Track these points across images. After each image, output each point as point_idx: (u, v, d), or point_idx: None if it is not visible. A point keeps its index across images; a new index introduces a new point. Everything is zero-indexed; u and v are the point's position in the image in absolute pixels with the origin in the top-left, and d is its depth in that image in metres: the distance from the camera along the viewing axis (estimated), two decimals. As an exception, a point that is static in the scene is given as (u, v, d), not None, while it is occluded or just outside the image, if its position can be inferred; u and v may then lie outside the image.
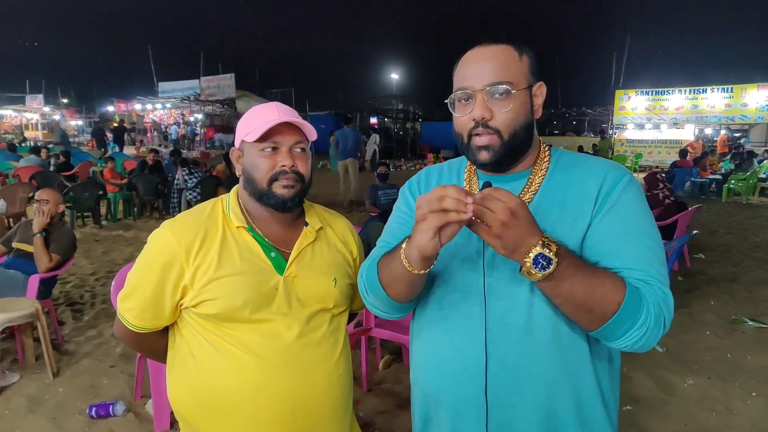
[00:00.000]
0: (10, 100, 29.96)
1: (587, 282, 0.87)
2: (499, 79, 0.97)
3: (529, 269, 0.84)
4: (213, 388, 1.15)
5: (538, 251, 0.83)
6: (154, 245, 1.19)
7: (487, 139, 0.98)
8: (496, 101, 0.97)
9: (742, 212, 9.42)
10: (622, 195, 0.97)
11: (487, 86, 0.97)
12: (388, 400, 2.89)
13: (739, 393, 2.94)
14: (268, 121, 1.15)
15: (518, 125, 0.99)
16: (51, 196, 3.55)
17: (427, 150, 23.38)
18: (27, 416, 2.67)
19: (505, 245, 0.83)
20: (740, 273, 5.34)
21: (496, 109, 0.97)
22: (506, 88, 0.97)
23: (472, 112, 0.98)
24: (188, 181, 8.42)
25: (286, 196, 1.17)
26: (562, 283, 0.86)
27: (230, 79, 22.26)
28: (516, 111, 0.98)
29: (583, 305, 0.88)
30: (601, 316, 0.88)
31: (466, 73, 1.00)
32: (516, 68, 0.99)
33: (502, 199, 0.82)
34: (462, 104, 1.01)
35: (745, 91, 16.00)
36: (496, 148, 0.99)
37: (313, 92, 37.56)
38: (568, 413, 0.99)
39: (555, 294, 0.89)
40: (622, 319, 0.87)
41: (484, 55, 1.00)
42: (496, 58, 0.99)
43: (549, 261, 0.83)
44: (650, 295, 0.90)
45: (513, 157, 1.02)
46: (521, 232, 0.83)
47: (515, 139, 0.99)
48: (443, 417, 1.06)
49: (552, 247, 0.84)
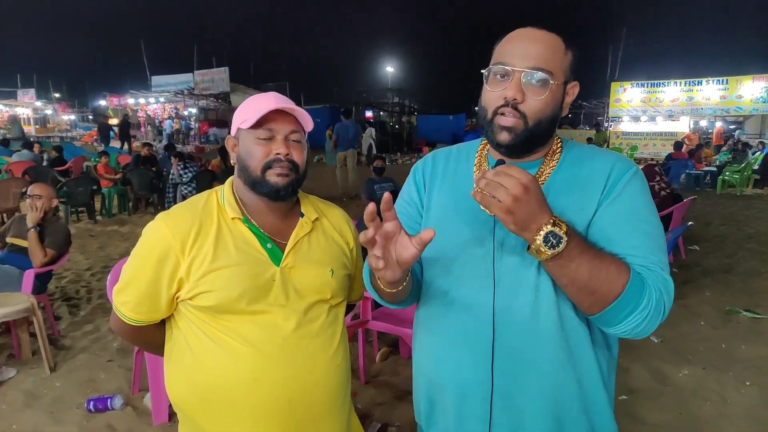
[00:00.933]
0: (2, 95, 29.66)
1: (593, 263, 0.87)
2: (542, 66, 0.95)
3: (539, 247, 0.85)
4: (210, 380, 1.15)
5: (549, 229, 0.84)
6: (148, 238, 1.18)
7: (512, 120, 0.97)
8: (532, 86, 0.96)
9: (737, 204, 9.47)
10: (628, 185, 0.98)
11: (528, 69, 0.95)
12: (386, 391, 2.90)
13: (733, 382, 2.97)
14: (264, 108, 1.14)
15: (545, 116, 0.98)
16: (44, 191, 3.52)
17: (423, 144, 23.33)
18: (24, 411, 2.67)
19: (516, 221, 0.83)
20: (734, 264, 5.38)
21: (529, 94, 0.96)
22: (545, 77, 0.95)
23: (506, 90, 0.97)
24: (183, 175, 8.37)
25: (280, 185, 1.16)
26: (569, 263, 0.87)
27: (224, 73, 22.13)
28: (547, 102, 0.97)
29: (588, 287, 0.88)
30: (605, 299, 0.89)
31: (510, 50, 0.98)
32: (559, 61, 0.98)
33: (515, 175, 0.82)
34: (497, 80, 0.99)
35: (740, 83, 16.03)
36: (519, 132, 0.98)
37: (308, 86, 37.46)
38: (573, 397, 1.00)
39: (561, 274, 0.89)
40: (625, 302, 0.88)
41: (533, 37, 0.98)
42: (545, 43, 0.97)
43: (559, 239, 0.84)
44: (652, 281, 0.90)
45: (531, 145, 1.02)
46: (533, 208, 0.83)
47: (538, 129, 0.98)
48: (448, 401, 1.07)
49: (562, 227, 0.85)
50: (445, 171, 1.14)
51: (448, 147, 1.21)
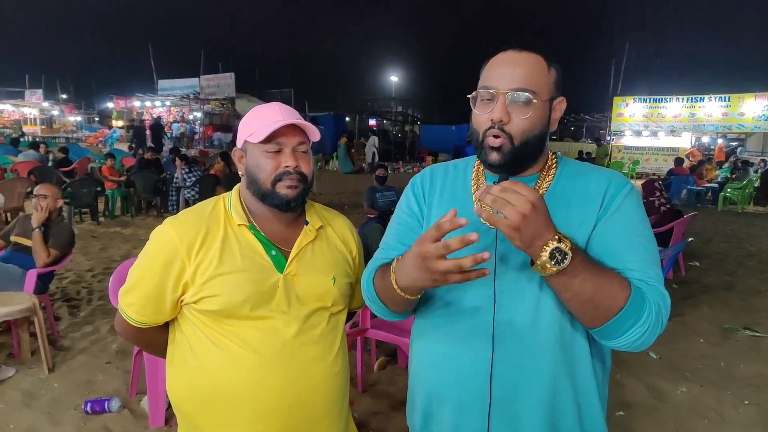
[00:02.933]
0: (9, 95, 29.84)
1: (596, 279, 0.89)
2: (524, 86, 0.98)
3: (545, 263, 0.86)
4: (212, 383, 1.16)
5: (555, 245, 0.85)
6: (156, 242, 1.20)
7: (499, 141, 1.00)
8: (517, 107, 0.99)
9: (738, 221, 9.47)
10: (625, 201, 1.01)
11: (511, 90, 0.99)
12: (383, 401, 2.90)
13: (732, 401, 2.96)
14: (273, 123, 1.16)
15: (532, 134, 1.01)
16: (50, 191, 3.55)
17: (425, 153, 23.41)
18: (22, 411, 2.67)
19: (523, 238, 0.85)
20: (735, 282, 5.37)
21: (514, 114, 0.99)
22: (529, 96, 0.98)
23: (492, 113, 1.00)
24: (187, 179, 8.42)
25: (290, 197, 1.19)
26: (573, 278, 0.88)
27: (230, 79, 22.25)
28: (533, 120, 1.00)
29: (591, 301, 0.90)
30: (607, 313, 0.90)
31: (494, 74, 1.02)
32: (542, 79, 1.01)
33: (522, 192, 0.83)
34: (484, 103, 1.03)
35: (743, 100, 16.10)
36: (506, 152, 1.01)
37: (312, 93, 37.59)
38: (569, 407, 1.02)
39: (564, 289, 0.91)
40: (627, 316, 0.90)
41: (515, 60, 1.01)
42: (526, 65, 1.00)
43: (564, 255, 0.86)
44: (651, 295, 0.93)
45: (521, 163, 1.05)
46: (539, 225, 0.84)
47: (525, 148, 1.01)
48: (446, 412, 1.07)
49: (567, 243, 0.87)
50: (444, 185, 1.16)
51: (444, 162, 1.25)
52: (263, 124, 1.17)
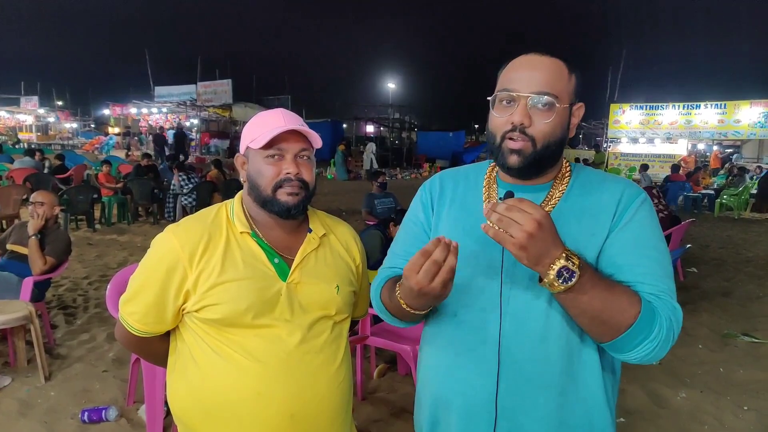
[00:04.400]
0: (5, 102, 29.78)
1: (605, 295, 0.88)
2: (547, 90, 0.97)
3: (552, 281, 0.85)
4: (213, 393, 1.15)
5: (562, 264, 0.84)
6: (157, 249, 1.19)
7: (520, 144, 0.99)
8: (538, 111, 0.98)
9: (735, 227, 9.51)
10: (638, 212, 1.00)
11: (533, 93, 0.97)
12: (383, 408, 2.88)
13: (731, 407, 2.96)
14: (274, 128, 1.16)
15: (553, 139, 1.00)
16: (46, 199, 3.53)
17: (422, 160, 23.45)
18: (18, 420, 2.64)
19: (530, 257, 0.84)
20: (732, 287, 5.39)
21: (536, 118, 0.98)
22: (551, 100, 0.97)
23: (512, 116, 0.99)
24: (184, 186, 8.40)
25: (291, 204, 1.18)
26: (581, 296, 0.87)
27: (227, 85, 22.27)
28: (554, 125, 0.99)
29: (599, 317, 0.89)
30: (616, 329, 0.90)
31: (515, 77, 1.00)
32: (564, 84, 1.00)
33: (528, 211, 0.82)
34: (503, 105, 1.01)
35: (738, 107, 16.19)
36: (527, 155, 0.99)
37: (309, 100, 37.67)
38: (579, 420, 1.01)
39: (573, 306, 0.90)
40: (637, 332, 0.89)
41: (537, 64, 1.00)
42: (549, 69, 0.99)
43: (572, 274, 0.85)
44: (662, 309, 0.92)
45: (540, 168, 1.03)
46: (546, 243, 0.84)
47: (546, 151, 1.00)
48: (453, 420, 1.07)
49: (574, 260, 0.86)
50: (454, 194, 1.15)
51: (455, 168, 1.23)
52: (265, 130, 1.16)
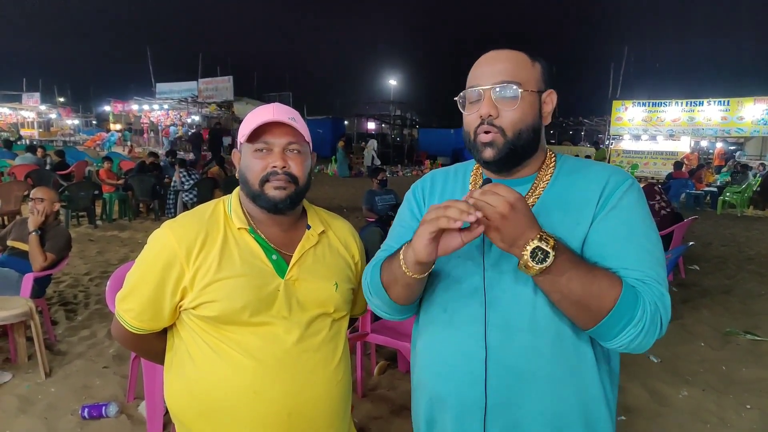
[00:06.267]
0: (7, 98, 29.79)
1: (584, 277, 0.88)
2: (508, 78, 0.99)
3: (527, 262, 0.86)
4: (210, 391, 1.14)
5: (536, 244, 0.85)
6: (154, 245, 1.17)
7: (491, 136, 1.00)
8: (504, 101, 0.99)
9: (737, 225, 9.48)
10: (623, 198, 0.98)
11: (495, 84, 0.99)
12: (383, 406, 2.88)
13: (734, 405, 2.94)
14: (258, 121, 1.14)
15: (523, 126, 1.00)
16: (46, 195, 3.53)
17: (424, 156, 23.42)
18: (18, 416, 2.64)
19: (504, 238, 0.86)
20: (734, 285, 5.37)
21: (502, 108, 1.00)
22: (514, 87, 0.99)
23: (480, 110, 1.01)
24: (185, 183, 8.40)
25: (278, 198, 1.16)
26: (559, 277, 0.87)
27: (228, 82, 22.27)
28: (522, 112, 1.00)
29: (580, 301, 0.89)
30: (597, 313, 0.89)
31: (477, 74, 1.03)
32: (526, 72, 1.01)
33: (501, 193, 0.85)
34: (471, 104, 1.03)
35: (742, 104, 16.12)
36: (500, 146, 1.00)
37: (311, 97, 37.65)
38: (574, 414, 0.99)
39: (553, 290, 0.90)
40: (618, 316, 0.88)
41: (497, 58, 1.02)
42: (508, 60, 1.01)
43: (546, 254, 0.85)
44: (647, 294, 0.90)
45: (517, 158, 1.03)
46: (520, 225, 0.85)
47: (519, 140, 1.00)
48: (448, 418, 1.06)
49: (549, 241, 0.86)
50: (444, 189, 1.17)
51: (445, 167, 1.25)
52: (253, 124, 1.15)
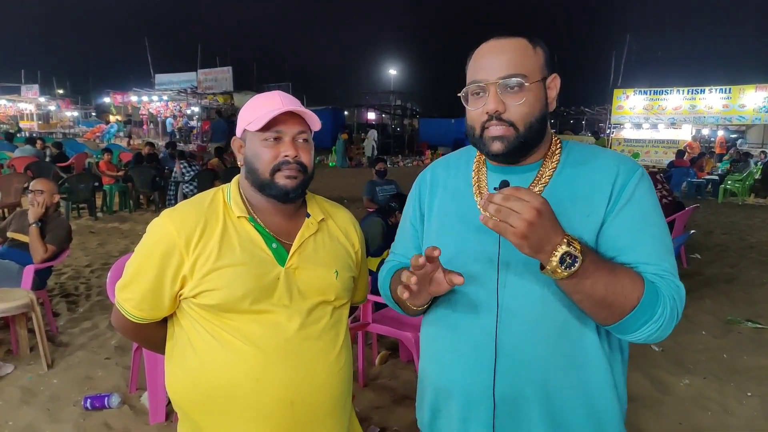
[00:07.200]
0: (6, 90, 29.67)
1: (608, 279, 0.87)
2: (513, 72, 0.96)
3: (555, 268, 0.84)
4: (212, 380, 1.13)
5: (565, 249, 0.83)
6: (153, 234, 1.16)
7: (501, 130, 0.98)
8: (510, 94, 0.97)
9: (738, 213, 9.46)
10: (636, 190, 0.98)
11: (500, 79, 0.96)
12: (385, 395, 2.89)
13: (735, 393, 2.95)
14: (272, 110, 1.13)
15: (533, 118, 0.98)
16: (46, 186, 3.52)
17: (425, 147, 23.36)
18: (21, 407, 2.65)
19: (532, 245, 0.82)
20: (736, 274, 5.36)
21: (509, 102, 0.97)
22: (520, 80, 0.96)
23: (486, 105, 0.98)
24: (185, 174, 8.38)
25: (289, 187, 1.16)
26: (584, 280, 0.86)
27: (228, 73, 22.12)
28: (530, 103, 0.97)
29: (603, 301, 0.88)
30: (620, 312, 0.89)
31: (480, 66, 0.99)
32: (530, 61, 0.98)
33: (526, 198, 0.81)
34: (475, 97, 1.00)
35: (743, 92, 16.01)
36: (511, 140, 0.98)
37: (310, 87, 37.44)
38: (578, 403, 0.99)
39: (576, 291, 0.88)
40: (640, 313, 0.89)
41: (499, 48, 0.99)
42: (511, 50, 0.98)
43: (575, 259, 0.83)
44: (665, 289, 0.91)
45: (526, 149, 1.02)
46: (547, 230, 0.82)
47: (530, 132, 0.98)
48: (453, 407, 1.06)
49: (576, 245, 0.84)
50: (446, 182, 1.15)
51: (445, 156, 1.22)
52: (262, 112, 1.14)
